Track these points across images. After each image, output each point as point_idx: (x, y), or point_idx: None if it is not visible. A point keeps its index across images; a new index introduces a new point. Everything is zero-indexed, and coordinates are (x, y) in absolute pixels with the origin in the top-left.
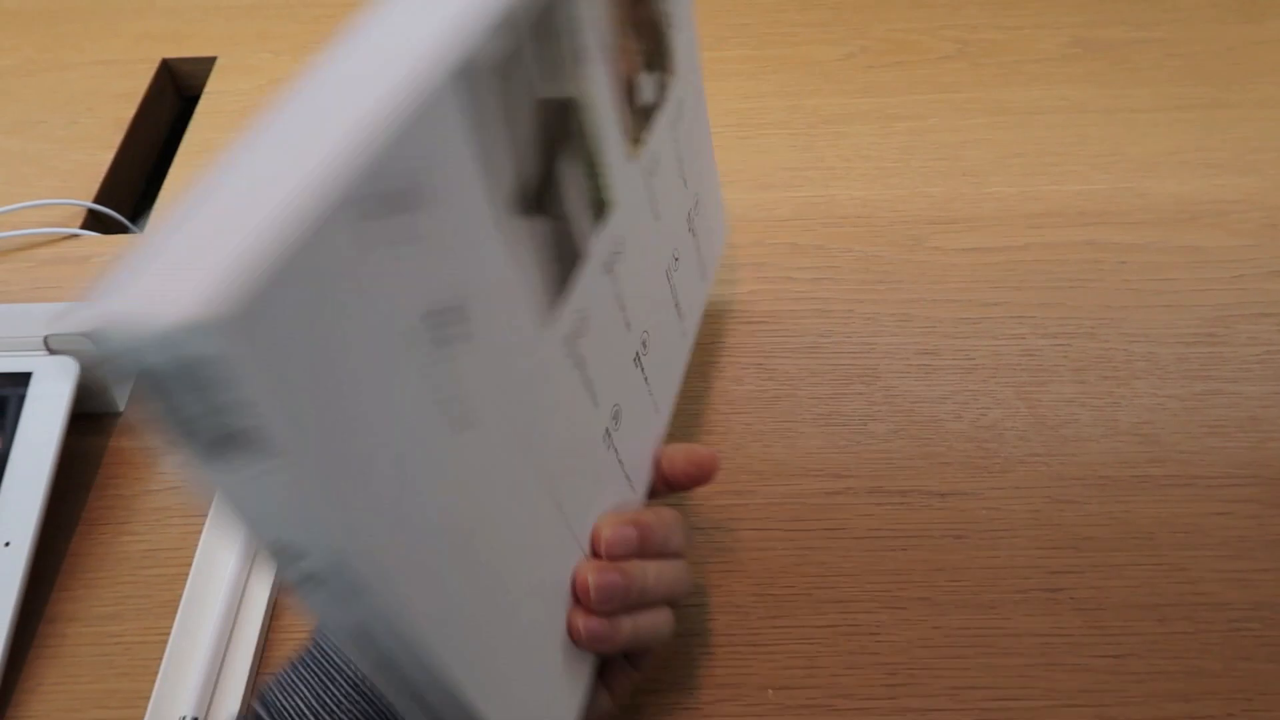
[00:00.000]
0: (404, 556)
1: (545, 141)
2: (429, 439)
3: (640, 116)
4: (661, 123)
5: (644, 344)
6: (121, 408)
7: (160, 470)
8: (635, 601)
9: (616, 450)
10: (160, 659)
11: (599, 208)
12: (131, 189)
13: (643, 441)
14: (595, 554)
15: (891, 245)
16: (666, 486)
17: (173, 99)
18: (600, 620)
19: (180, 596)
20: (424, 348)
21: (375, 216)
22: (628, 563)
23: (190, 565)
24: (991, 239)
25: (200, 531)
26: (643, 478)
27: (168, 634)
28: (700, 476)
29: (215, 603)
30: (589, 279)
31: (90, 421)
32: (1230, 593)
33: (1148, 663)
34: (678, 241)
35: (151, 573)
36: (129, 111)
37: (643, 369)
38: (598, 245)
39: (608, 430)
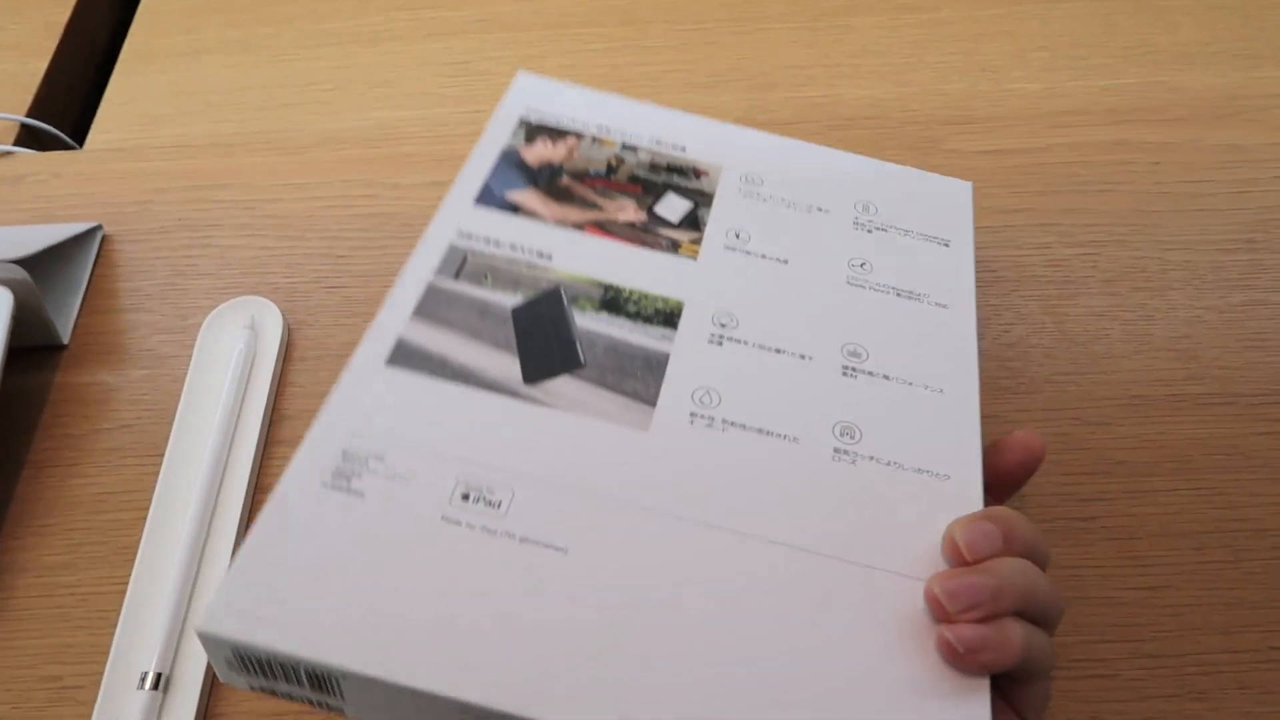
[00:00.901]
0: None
1: (538, 326)
2: (530, 578)
3: (687, 225)
4: (725, 207)
5: (853, 353)
6: (66, 340)
7: (113, 406)
8: (1015, 602)
9: (873, 458)
10: (118, 610)
11: (666, 316)
12: (70, 101)
13: (926, 432)
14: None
15: (904, 148)
16: (999, 483)
17: (111, 0)
18: (973, 626)
19: (138, 542)
20: (475, 510)
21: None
22: (993, 561)
23: (148, 508)
24: (1013, 140)
25: (158, 472)
26: (959, 466)
27: (126, 583)
28: (1032, 464)
29: (176, 548)
30: (689, 362)
31: (31, 356)
32: (1273, 518)
33: (1184, 594)
34: (847, 253)
35: (106, 517)
36: (62, 15)
37: (871, 373)
38: (686, 336)
39: (837, 449)
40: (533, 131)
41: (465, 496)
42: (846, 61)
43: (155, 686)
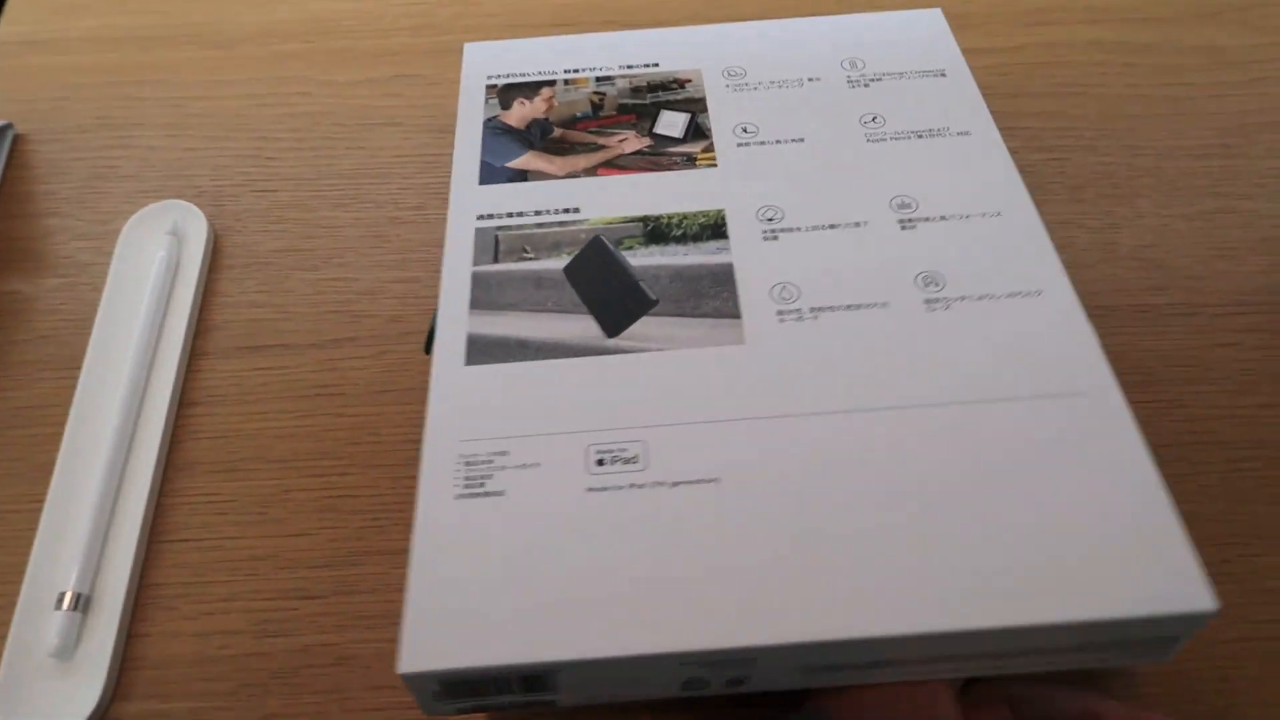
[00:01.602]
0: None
1: (596, 279)
2: (698, 515)
3: (693, 136)
4: (721, 106)
5: (903, 205)
6: None
7: (27, 316)
8: None
9: (964, 298)
10: (35, 529)
11: (713, 228)
12: None
13: (1001, 257)
14: None
15: None
16: None
17: None
18: None
19: (55, 459)
20: (615, 472)
21: (471, 495)
22: None
23: (65, 423)
24: (982, 39)
25: (76, 384)
26: (1046, 280)
27: (43, 501)
28: None
29: (96, 464)
30: (754, 265)
31: None
32: (1231, 430)
33: None
34: (855, 112)
35: (21, 433)
36: None
37: (928, 218)
38: (740, 241)
39: (928, 300)
40: (506, 94)
41: (600, 462)
42: None
43: (75, 607)
